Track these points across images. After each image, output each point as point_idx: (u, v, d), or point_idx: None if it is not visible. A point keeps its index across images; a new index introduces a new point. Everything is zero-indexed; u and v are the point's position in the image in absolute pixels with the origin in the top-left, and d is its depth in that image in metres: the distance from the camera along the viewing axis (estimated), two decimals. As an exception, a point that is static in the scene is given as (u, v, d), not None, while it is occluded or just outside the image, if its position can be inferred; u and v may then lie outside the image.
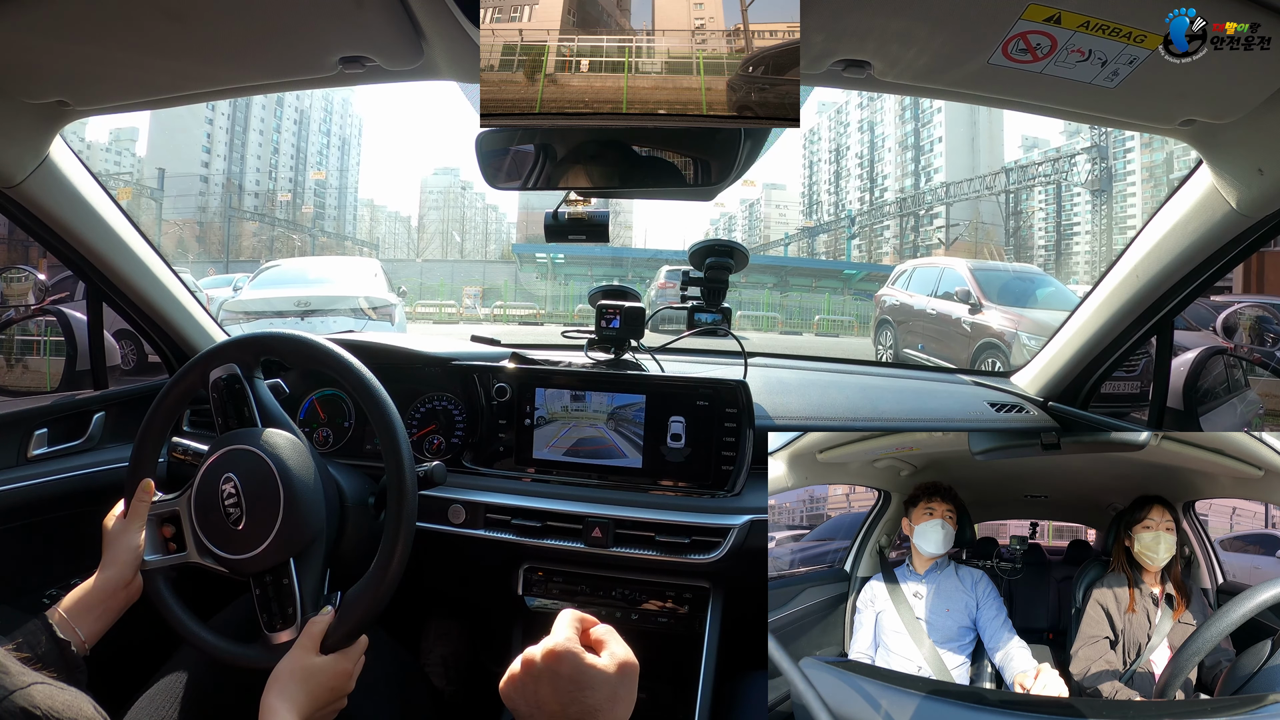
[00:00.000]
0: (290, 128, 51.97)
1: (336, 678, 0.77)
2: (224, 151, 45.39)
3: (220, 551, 0.82)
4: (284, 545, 0.80)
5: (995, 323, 6.47)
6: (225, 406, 0.88)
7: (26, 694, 0.40)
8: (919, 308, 7.78)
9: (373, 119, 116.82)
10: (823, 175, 59.53)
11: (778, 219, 64.22)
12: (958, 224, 36.47)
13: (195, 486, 0.84)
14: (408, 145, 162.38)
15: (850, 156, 55.53)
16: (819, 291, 23.84)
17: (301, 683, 0.74)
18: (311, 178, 52.97)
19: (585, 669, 0.58)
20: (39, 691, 0.40)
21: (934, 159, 46.52)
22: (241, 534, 0.81)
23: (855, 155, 54.80)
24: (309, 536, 0.82)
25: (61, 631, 0.77)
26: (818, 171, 60.01)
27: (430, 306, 19.39)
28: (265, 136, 49.05)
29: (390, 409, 0.84)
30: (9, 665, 0.41)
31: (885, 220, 44.44)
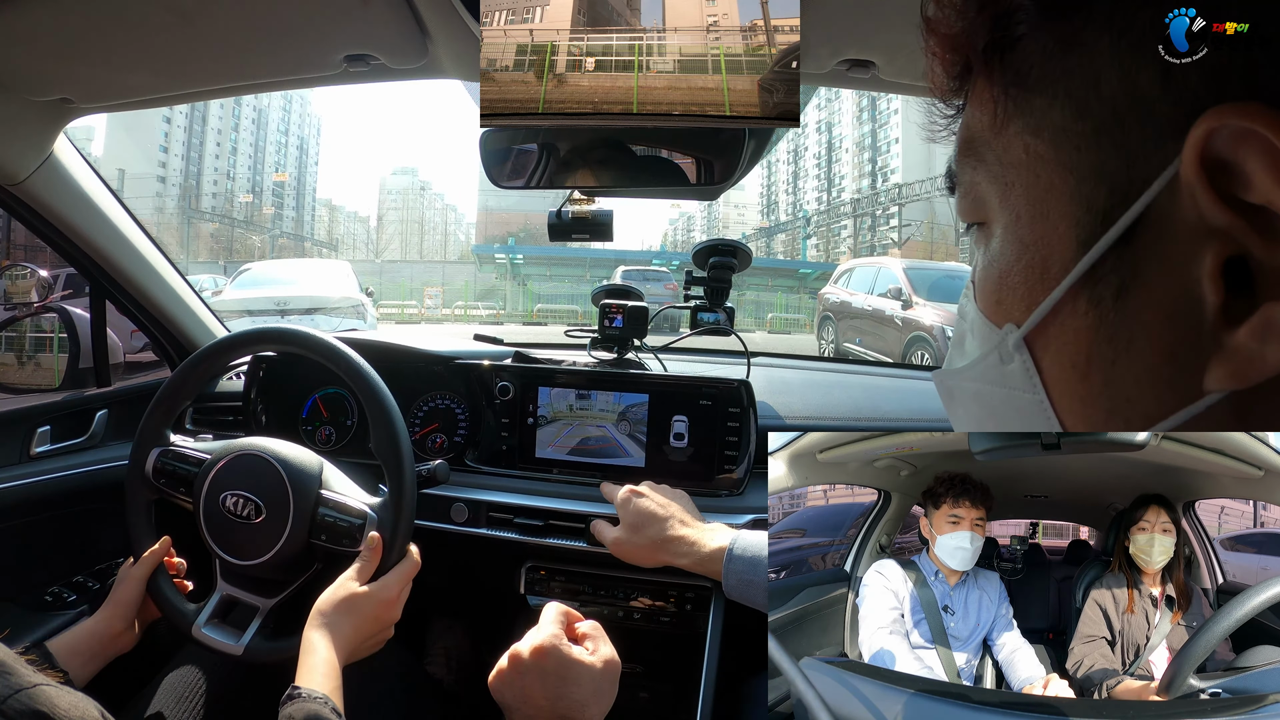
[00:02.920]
0: (248, 127, 51.94)
1: (381, 606, 0.75)
2: (181, 151, 45.25)
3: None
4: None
5: (925, 318, 6.96)
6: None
7: (32, 694, 0.40)
8: (858, 305, 8.35)
9: (331, 118, 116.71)
10: (781, 176, 59.67)
11: (736, 219, 64.48)
12: (910, 224, 36.54)
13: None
14: (366, 144, 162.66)
15: (808, 157, 55.68)
16: (773, 290, 24.02)
17: (345, 613, 0.72)
18: (273, 179, 52.92)
19: (571, 664, 0.59)
20: (44, 693, 0.41)
21: (890, 160, 46.74)
22: (261, 536, 0.82)
23: (813, 156, 54.96)
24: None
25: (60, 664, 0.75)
26: (776, 172, 60.14)
27: (392, 307, 19.41)
28: (223, 135, 48.97)
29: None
30: (14, 666, 0.41)
31: (842, 220, 44.72)
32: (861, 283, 8.49)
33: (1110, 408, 0.27)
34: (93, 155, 42.02)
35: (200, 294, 1.38)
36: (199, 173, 45.59)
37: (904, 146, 45.37)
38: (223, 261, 29.61)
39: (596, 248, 23.43)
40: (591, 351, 1.22)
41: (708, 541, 0.80)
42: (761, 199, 63.11)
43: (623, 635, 0.80)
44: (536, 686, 0.58)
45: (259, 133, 52.97)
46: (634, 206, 41.00)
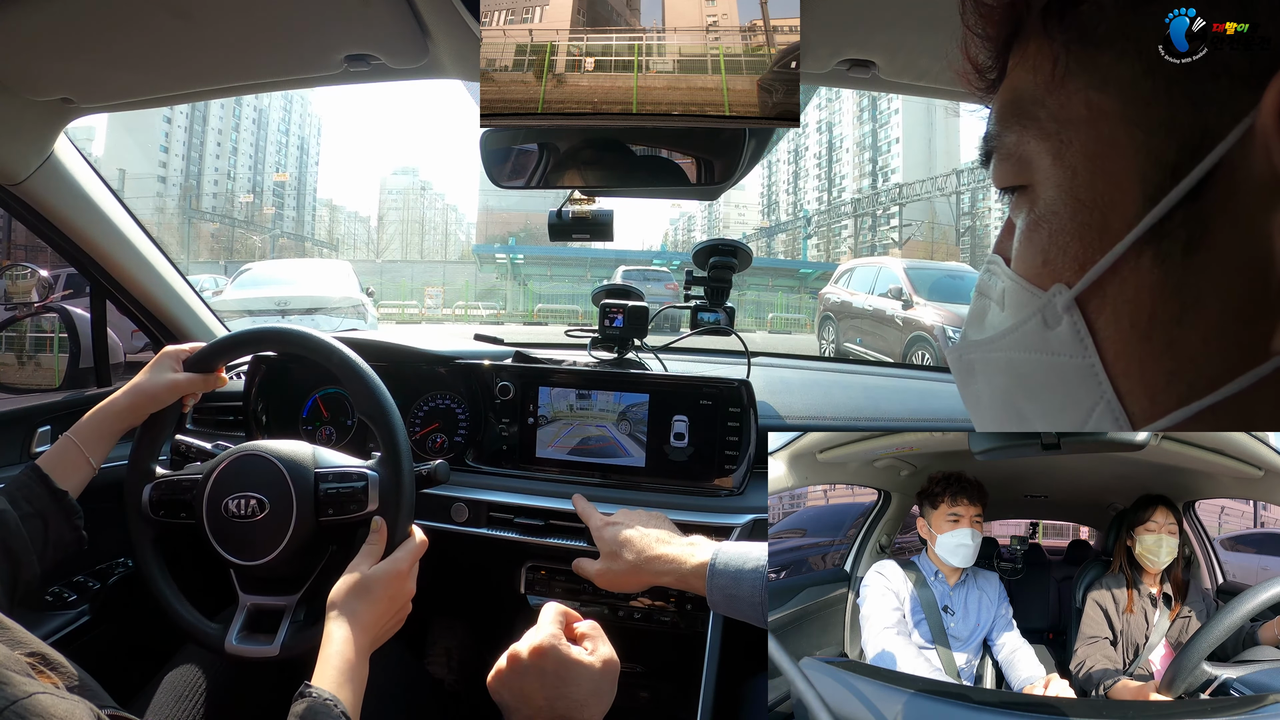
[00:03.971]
0: (249, 126, 51.93)
1: (394, 581, 0.75)
2: (182, 150, 45.28)
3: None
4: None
5: (926, 318, 6.94)
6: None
7: (28, 704, 0.40)
8: (858, 305, 8.38)
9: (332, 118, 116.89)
10: (781, 176, 59.61)
11: (736, 219, 64.46)
12: (910, 224, 36.54)
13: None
14: (366, 144, 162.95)
15: (809, 157, 55.65)
16: (774, 290, 24.01)
17: (359, 597, 0.72)
18: (274, 179, 52.93)
19: (570, 664, 0.59)
20: (40, 702, 0.41)
21: (891, 160, 46.75)
22: (270, 529, 0.82)
23: (814, 156, 54.93)
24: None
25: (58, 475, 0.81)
26: (776, 172, 60.09)
27: (392, 307, 19.40)
28: (224, 135, 48.97)
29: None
30: (10, 675, 0.41)
31: (842, 220, 44.59)
32: (862, 283, 8.52)
33: (1173, 369, 0.26)
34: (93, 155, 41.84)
35: (201, 294, 1.38)
36: (199, 172, 45.60)
37: (905, 146, 45.44)
38: (223, 261, 29.65)
39: (597, 247, 23.51)
40: (592, 351, 1.22)
41: (688, 558, 0.79)
42: (762, 199, 63.13)
43: (622, 635, 0.80)
44: (535, 686, 0.58)
45: (259, 132, 52.98)
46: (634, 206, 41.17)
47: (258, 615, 0.85)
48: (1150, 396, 0.27)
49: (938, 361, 6.34)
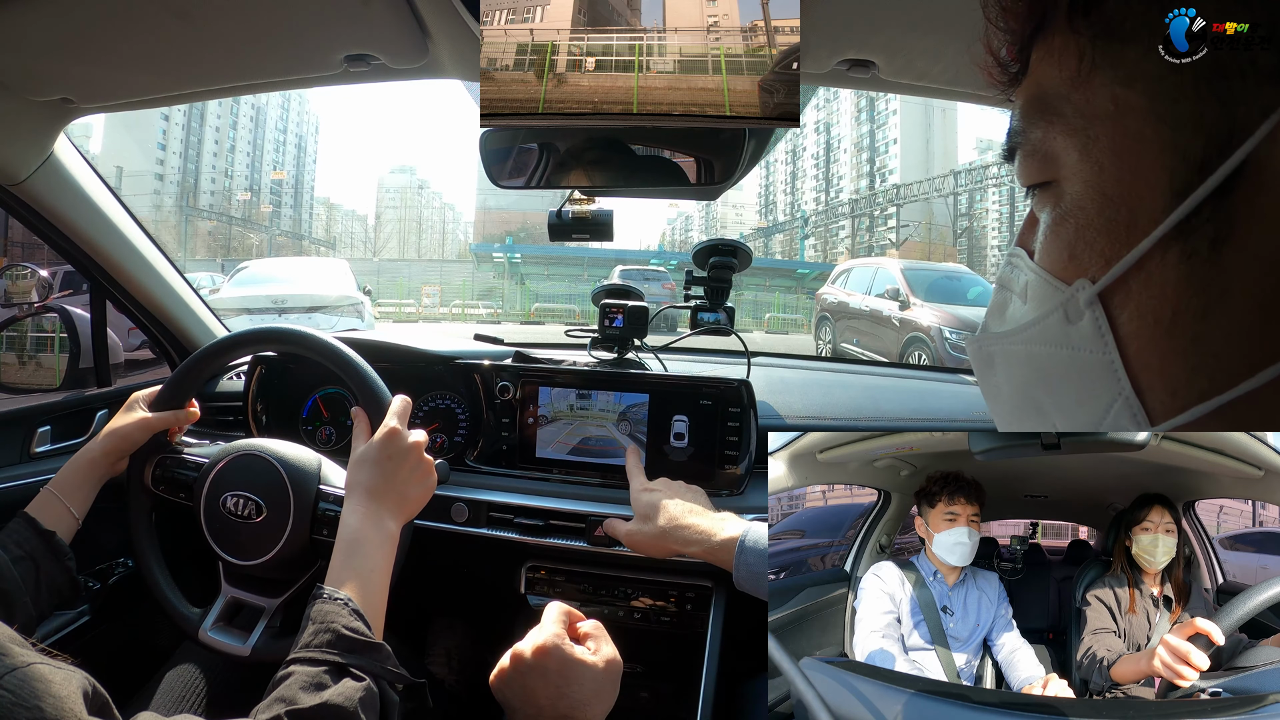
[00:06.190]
0: (247, 125, 51.83)
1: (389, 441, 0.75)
2: (180, 148, 45.18)
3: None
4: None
5: (923, 318, 6.96)
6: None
7: (27, 673, 0.40)
8: (855, 305, 8.37)
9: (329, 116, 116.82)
10: (779, 176, 59.53)
11: (734, 219, 64.33)
12: (907, 225, 36.56)
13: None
14: (364, 143, 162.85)
15: (806, 158, 55.59)
16: (771, 290, 23.98)
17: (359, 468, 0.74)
18: (271, 178, 52.85)
19: (573, 664, 0.59)
20: (38, 670, 0.41)
21: (888, 160, 46.71)
22: (263, 535, 0.82)
23: (811, 156, 54.86)
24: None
25: (45, 523, 0.80)
26: (774, 172, 59.98)
27: (390, 306, 19.41)
28: (222, 133, 48.88)
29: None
30: (9, 646, 0.42)
31: (840, 220, 44.56)
32: (859, 283, 8.51)
33: (1195, 364, 0.26)
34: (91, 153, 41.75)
35: (199, 292, 1.38)
36: (197, 170, 45.52)
37: (902, 147, 45.40)
38: (220, 259, 29.58)
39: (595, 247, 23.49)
40: (591, 351, 1.22)
41: (719, 531, 0.80)
42: (759, 199, 63.04)
43: (623, 635, 0.80)
44: (538, 686, 0.58)
45: (257, 131, 52.89)
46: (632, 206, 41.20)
47: (236, 609, 0.85)
48: (1170, 392, 0.27)
49: (935, 362, 6.35)
